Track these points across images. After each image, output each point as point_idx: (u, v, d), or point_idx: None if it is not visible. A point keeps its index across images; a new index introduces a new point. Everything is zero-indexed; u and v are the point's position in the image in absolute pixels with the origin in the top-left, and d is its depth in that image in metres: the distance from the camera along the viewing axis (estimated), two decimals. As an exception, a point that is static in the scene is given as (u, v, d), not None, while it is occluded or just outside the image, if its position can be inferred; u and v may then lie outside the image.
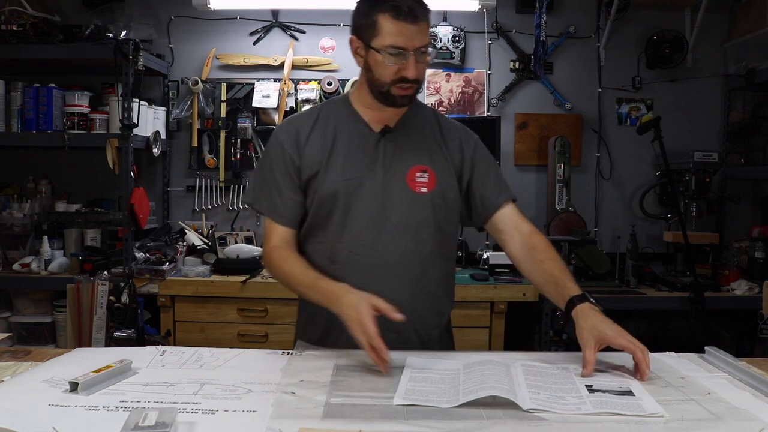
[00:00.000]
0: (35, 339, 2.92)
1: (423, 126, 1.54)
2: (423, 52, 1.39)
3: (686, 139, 3.31)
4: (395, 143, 1.49)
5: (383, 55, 1.38)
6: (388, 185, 1.46)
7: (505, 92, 3.38)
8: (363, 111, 1.51)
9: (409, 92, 1.42)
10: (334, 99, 1.60)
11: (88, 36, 2.90)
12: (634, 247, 3.08)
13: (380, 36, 1.38)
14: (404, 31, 1.35)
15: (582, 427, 0.96)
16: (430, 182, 1.47)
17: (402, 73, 1.38)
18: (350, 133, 1.49)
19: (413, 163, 1.48)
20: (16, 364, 1.23)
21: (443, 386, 1.11)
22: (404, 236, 1.46)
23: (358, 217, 1.45)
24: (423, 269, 1.48)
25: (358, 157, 1.47)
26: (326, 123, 1.50)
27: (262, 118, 3.33)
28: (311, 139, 1.48)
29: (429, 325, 1.51)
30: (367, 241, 1.45)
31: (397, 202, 1.46)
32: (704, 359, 1.33)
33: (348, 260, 1.45)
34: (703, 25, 3.24)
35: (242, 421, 0.96)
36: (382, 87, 1.42)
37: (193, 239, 3.12)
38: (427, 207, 1.47)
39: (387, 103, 1.45)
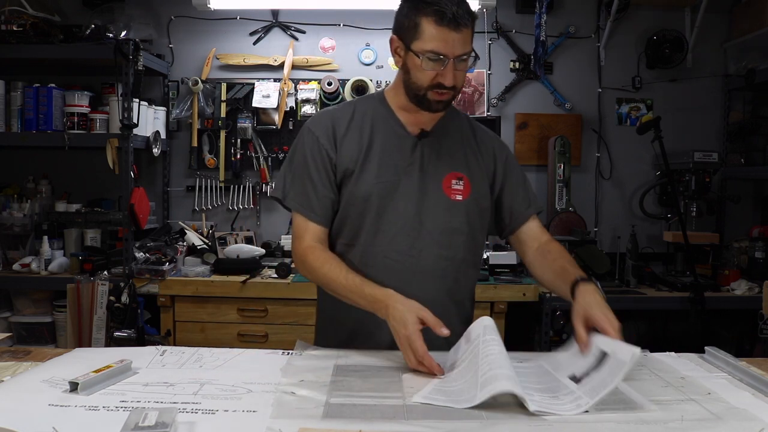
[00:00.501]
0: (35, 339, 2.92)
1: (458, 132, 1.52)
2: (463, 59, 1.36)
3: (686, 139, 3.31)
4: (432, 148, 1.47)
5: (422, 59, 1.34)
6: (425, 190, 1.44)
7: (505, 92, 3.38)
8: (399, 112, 1.48)
9: (444, 98, 1.39)
10: (369, 96, 1.57)
11: (88, 36, 2.90)
12: (634, 247, 3.08)
13: (421, 39, 1.34)
14: (446, 38, 1.32)
15: (582, 427, 0.96)
16: (465, 190, 1.46)
17: (439, 79, 1.35)
18: (387, 134, 1.46)
19: (450, 169, 1.46)
20: (16, 364, 1.23)
21: (463, 384, 1.10)
22: (438, 243, 1.44)
23: (393, 221, 1.43)
24: (455, 277, 1.48)
25: (395, 160, 1.44)
26: (362, 120, 1.47)
27: (262, 118, 3.33)
28: (348, 136, 1.45)
29: (456, 331, 1.49)
30: (402, 247, 1.43)
31: (433, 208, 1.44)
32: (704, 359, 1.33)
33: (381, 265, 1.43)
34: (703, 25, 3.24)
35: (242, 421, 0.96)
36: (419, 90, 1.39)
37: (193, 239, 3.12)
38: (462, 214, 1.46)
39: (422, 107, 1.42)
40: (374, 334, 1.42)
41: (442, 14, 1.31)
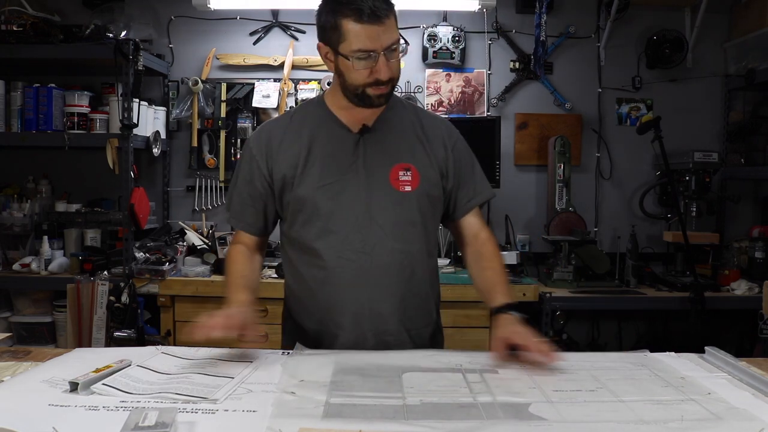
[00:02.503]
0: (35, 339, 2.92)
1: (403, 123, 1.50)
2: (393, 49, 1.34)
3: (686, 139, 3.31)
4: (375, 142, 1.46)
5: (352, 60, 1.33)
6: (371, 185, 1.43)
7: (505, 92, 3.38)
8: (339, 112, 1.47)
9: (384, 91, 1.38)
10: (308, 101, 1.56)
11: (88, 36, 2.90)
12: (634, 247, 3.08)
13: (346, 41, 1.33)
14: (370, 33, 1.30)
15: (582, 427, 0.96)
16: (413, 180, 1.45)
17: (374, 75, 1.34)
18: (327, 136, 1.46)
19: (395, 161, 1.45)
20: (16, 364, 1.23)
21: None
22: (392, 237, 1.44)
23: (343, 220, 1.42)
24: (412, 270, 1.47)
25: (337, 159, 1.44)
26: (300, 127, 1.47)
27: (262, 118, 3.33)
28: (284, 145, 1.45)
29: (419, 324, 1.51)
30: (355, 245, 1.43)
31: (382, 202, 1.43)
32: (704, 359, 1.33)
33: (337, 265, 1.43)
34: (703, 25, 3.23)
35: (242, 421, 0.96)
36: (356, 90, 1.38)
37: (193, 239, 3.12)
38: (413, 206, 1.45)
39: (363, 104, 1.41)
40: (338, 336, 1.45)
41: (360, 11, 1.29)
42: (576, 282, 2.95)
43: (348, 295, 1.44)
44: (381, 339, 1.45)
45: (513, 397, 1.08)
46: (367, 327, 1.44)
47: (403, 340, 1.47)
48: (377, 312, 1.44)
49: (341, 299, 1.44)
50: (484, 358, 1.32)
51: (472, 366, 1.25)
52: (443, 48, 3.28)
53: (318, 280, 1.45)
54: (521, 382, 1.16)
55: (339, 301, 1.44)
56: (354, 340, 1.44)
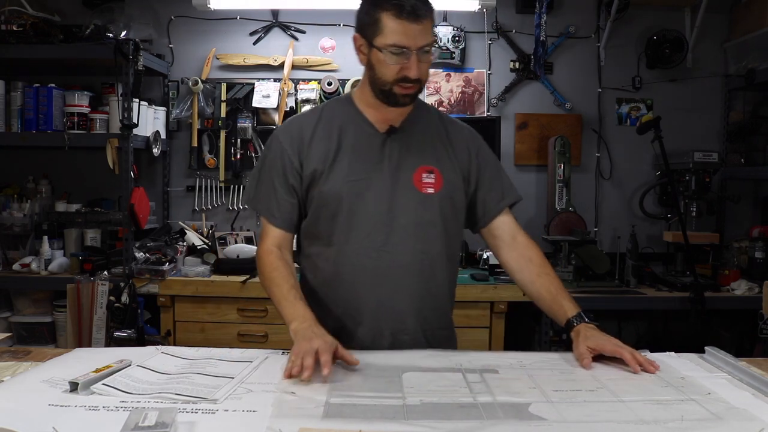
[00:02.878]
0: (35, 339, 2.92)
1: (428, 126, 1.53)
2: (426, 51, 1.37)
3: (686, 139, 3.31)
4: (401, 143, 1.48)
5: (385, 53, 1.36)
6: (395, 185, 1.45)
7: (505, 92, 3.38)
8: (366, 110, 1.49)
9: (410, 91, 1.40)
10: (337, 99, 1.58)
11: (88, 36, 2.90)
12: (634, 247, 3.08)
13: (382, 35, 1.35)
14: (406, 30, 1.33)
15: (582, 427, 0.96)
16: (436, 183, 1.47)
17: (404, 72, 1.36)
18: (355, 134, 1.48)
19: (419, 163, 1.47)
20: (16, 364, 1.23)
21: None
22: (413, 237, 1.45)
23: (366, 218, 1.44)
24: (432, 271, 1.48)
25: (364, 158, 1.46)
26: (330, 123, 1.49)
27: (262, 118, 3.33)
28: (315, 140, 1.47)
29: (435, 326, 1.51)
30: (377, 244, 1.44)
31: (405, 203, 1.45)
32: (704, 359, 1.33)
33: (357, 263, 1.44)
34: (703, 25, 3.23)
35: (242, 421, 0.96)
36: (384, 86, 1.40)
37: (193, 239, 3.12)
38: (435, 208, 1.47)
39: (389, 102, 1.43)
40: (356, 332, 1.46)
41: (401, 7, 1.32)
42: (576, 282, 2.95)
43: (367, 293, 1.45)
44: (397, 338, 1.46)
45: (513, 397, 1.08)
46: (384, 325, 1.45)
47: (418, 339, 1.47)
48: (396, 310, 1.45)
49: (360, 296, 1.45)
50: (484, 358, 1.32)
51: (472, 366, 1.25)
52: (443, 48, 3.28)
53: (337, 277, 1.46)
54: (521, 382, 1.16)
55: (358, 298, 1.45)
56: (371, 338, 1.45)
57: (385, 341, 1.45)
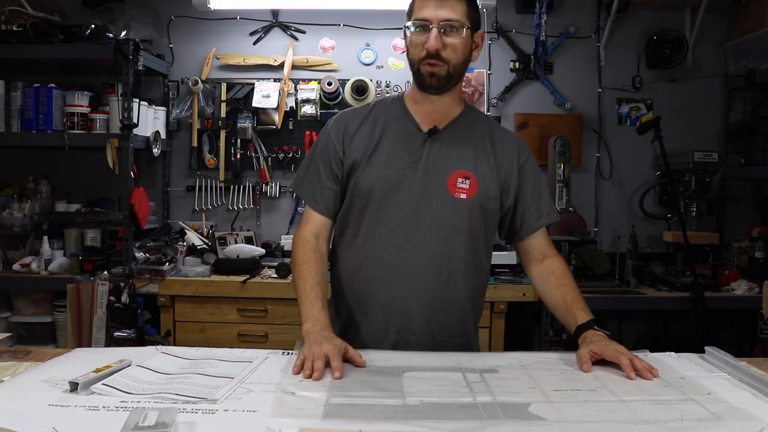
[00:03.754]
0: (35, 339, 2.92)
1: (473, 131, 1.52)
2: (451, 28, 1.39)
3: (686, 139, 3.31)
4: (441, 145, 1.48)
5: (410, 30, 1.41)
6: (427, 187, 1.45)
7: (505, 92, 3.38)
8: (414, 109, 1.51)
9: (435, 69, 1.40)
10: (389, 97, 1.60)
11: (88, 36, 2.90)
12: (634, 247, 3.08)
13: (412, 13, 1.42)
14: (430, 4, 1.38)
15: (582, 427, 0.96)
16: (471, 189, 1.46)
17: (425, 46, 1.39)
18: (398, 130, 1.49)
19: (457, 167, 1.47)
20: (16, 364, 1.23)
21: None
22: (435, 240, 1.45)
23: (393, 214, 1.45)
24: (450, 275, 1.47)
25: (402, 155, 1.47)
26: (377, 118, 1.52)
27: (262, 118, 3.33)
28: (359, 132, 1.50)
29: (448, 333, 1.50)
30: (399, 241, 1.45)
31: (434, 205, 1.45)
32: (704, 359, 1.33)
33: (377, 257, 1.46)
34: (703, 25, 3.24)
35: (242, 421, 0.96)
36: (413, 66, 1.44)
37: (193, 239, 3.12)
38: (464, 214, 1.46)
39: (420, 85, 1.46)
40: (362, 325, 1.48)
41: None
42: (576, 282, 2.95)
43: (380, 288, 1.46)
44: (403, 336, 1.46)
45: (513, 397, 1.08)
46: (392, 321, 1.46)
47: (425, 342, 1.46)
48: (405, 308, 1.45)
49: (372, 289, 1.46)
50: (484, 358, 1.32)
51: (472, 366, 1.25)
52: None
53: (355, 268, 1.48)
54: (521, 382, 1.16)
55: (370, 290, 1.47)
56: (376, 332, 1.46)
57: (390, 338, 1.46)
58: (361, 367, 1.23)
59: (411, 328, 1.46)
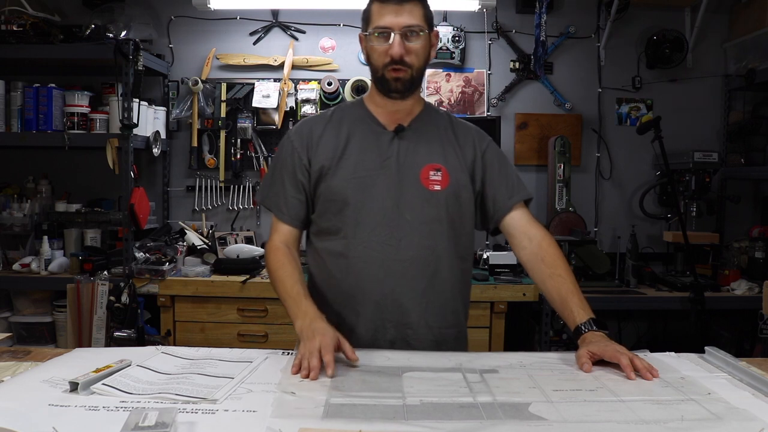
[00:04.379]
0: (35, 339, 2.92)
1: (436, 126, 1.56)
2: (412, 32, 1.42)
3: (686, 139, 3.31)
4: (408, 141, 1.51)
5: (372, 38, 1.43)
6: (402, 183, 1.47)
7: (505, 92, 3.38)
8: (376, 111, 1.53)
9: (400, 75, 1.44)
10: (349, 102, 1.63)
11: (88, 36, 2.90)
12: (634, 247, 3.08)
13: (371, 21, 1.44)
14: (389, 11, 1.41)
15: (582, 427, 0.96)
16: (443, 180, 1.49)
17: (389, 52, 1.41)
18: (364, 132, 1.51)
19: (427, 161, 1.50)
20: (16, 364, 1.23)
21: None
22: (418, 233, 1.47)
23: (373, 213, 1.46)
24: (437, 267, 1.49)
25: (371, 156, 1.48)
26: (340, 123, 1.53)
27: (262, 118, 3.33)
28: (324, 138, 1.51)
29: (443, 324, 1.51)
30: (383, 238, 1.46)
31: (411, 200, 1.47)
32: (704, 359, 1.33)
33: (363, 256, 1.46)
34: (703, 25, 3.24)
35: (242, 421, 0.96)
36: (377, 72, 1.46)
37: (193, 239, 3.12)
38: (441, 205, 1.48)
39: (384, 91, 1.47)
40: (356, 326, 1.47)
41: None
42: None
43: (371, 286, 1.46)
44: (401, 331, 1.47)
45: (513, 397, 1.08)
46: (387, 317, 1.46)
47: (422, 335, 1.48)
48: (399, 303, 1.46)
49: (363, 289, 1.46)
50: (484, 358, 1.32)
51: (472, 366, 1.25)
52: (443, 48, 3.28)
53: (342, 270, 1.48)
54: (521, 382, 1.16)
55: (361, 290, 1.47)
56: (374, 330, 1.46)
57: (388, 334, 1.46)
58: (354, 362, 1.23)
59: (408, 322, 1.47)
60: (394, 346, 1.45)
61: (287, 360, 1.27)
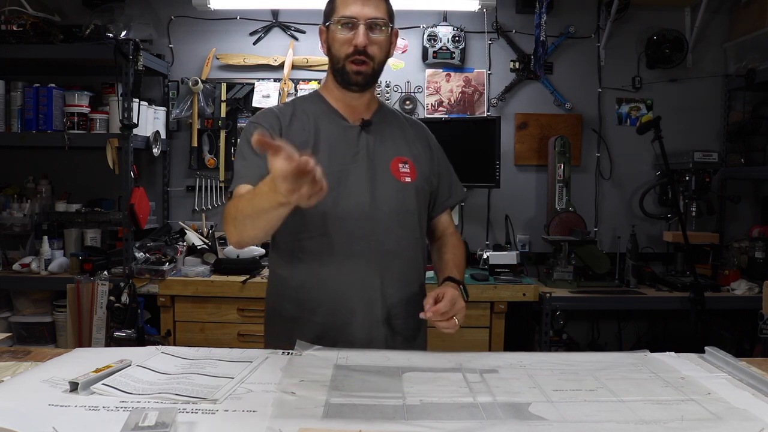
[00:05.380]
0: (35, 339, 2.92)
1: (396, 121, 1.60)
2: (378, 27, 1.43)
3: (686, 139, 3.31)
4: (376, 135, 1.53)
5: (335, 27, 1.43)
6: (374, 175, 1.49)
7: (505, 92, 3.38)
8: (336, 104, 1.54)
9: (363, 68, 1.44)
10: (306, 95, 1.62)
11: (88, 36, 2.90)
12: (634, 247, 3.08)
13: (334, 12, 1.45)
14: (355, 2, 1.42)
15: (582, 427, 0.96)
16: (411, 172, 1.53)
17: (353, 42, 1.42)
18: (330, 127, 1.51)
19: (395, 154, 1.53)
20: (16, 364, 1.23)
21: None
22: (396, 224, 1.50)
23: (350, 208, 1.46)
24: (415, 255, 1.54)
25: (342, 150, 1.49)
26: (304, 117, 1.51)
27: (262, 118, 3.33)
28: (292, 128, 1.49)
29: (420, 309, 1.44)
30: (365, 231, 1.46)
31: (385, 192, 1.49)
32: (704, 359, 1.33)
33: (347, 251, 1.45)
34: (703, 25, 3.24)
35: (242, 421, 0.96)
36: (338, 63, 1.46)
37: (193, 239, 3.12)
38: (412, 196, 1.52)
39: (344, 82, 1.48)
40: (350, 324, 1.47)
41: None
42: (576, 282, 2.95)
43: (360, 281, 1.46)
44: (390, 323, 1.49)
45: (513, 397, 1.08)
46: (379, 312, 1.47)
47: (409, 325, 1.52)
48: (388, 296, 1.48)
49: (353, 285, 1.46)
50: (484, 358, 1.32)
51: (472, 366, 1.25)
52: (443, 48, 3.28)
53: (326, 269, 1.46)
54: (521, 382, 1.16)
55: (351, 287, 1.46)
56: (368, 327, 1.47)
57: (380, 328, 1.47)
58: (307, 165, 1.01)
59: (397, 313, 1.50)
60: (386, 340, 1.47)
61: (287, 360, 1.27)
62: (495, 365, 1.26)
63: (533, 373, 1.22)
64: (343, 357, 1.29)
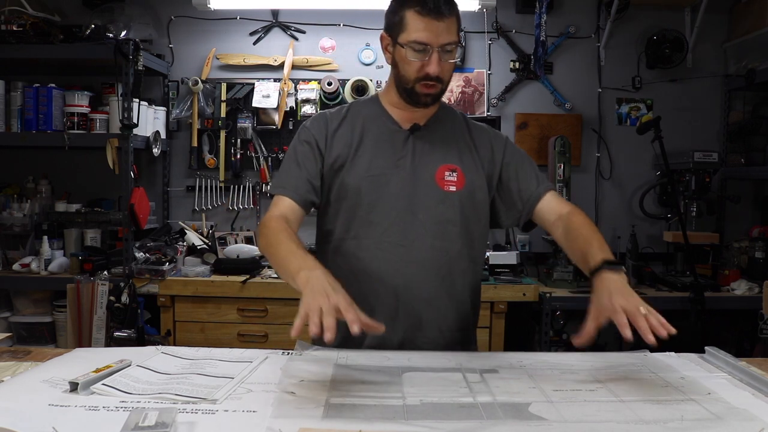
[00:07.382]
0: (35, 339, 2.92)
1: (452, 126, 1.54)
2: (449, 50, 1.39)
3: (686, 139, 3.31)
4: (424, 141, 1.49)
5: (407, 50, 1.39)
6: (416, 183, 1.46)
7: (505, 92, 3.38)
8: (392, 110, 1.52)
9: (432, 91, 1.42)
10: (363, 99, 1.61)
11: (88, 36, 2.90)
12: (634, 247, 3.08)
13: (406, 32, 1.39)
14: (429, 27, 1.36)
15: (582, 427, 0.96)
16: (458, 181, 1.47)
17: (425, 69, 1.39)
18: (379, 130, 1.50)
19: (442, 161, 1.48)
20: (16, 364, 1.23)
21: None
22: (431, 234, 1.45)
23: (385, 212, 1.44)
24: (449, 269, 1.47)
25: (386, 154, 1.47)
26: (355, 119, 1.51)
27: (262, 118, 3.33)
28: (339, 132, 1.49)
29: (453, 327, 1.49)
30: (395, 238, 1.44)
31: (425, 200, 1.45)
32: (704, 359, 1.33)
33: (375, 257, 1.44)
34: (703, 25, 3.24)
35: (242, 421, 0.96)
36: (407, 84, 1.43)
37: (193, 239, 3.12)
38: (455, 206, 1.47)
39: (411, 101, 1.46)
40: (364, 332, 1.41)
41: (424, 4, 1.36)
42: (576, 282, 2.95)
43: (382, 287, 1.44)
44: (410, 334, 1.45)
45: (513, 397, 1.08)
46: (400, 320, 1.45)
47: (432, 338, 1.46)
48: (410, 306, 1.45)
49: (375, 290, 1.44)
50: (484, 358, 1.32)
51: (472, 366, 1.25)
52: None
53: (354, 272, 1.45)
54: (521, 382, 1.16)
55: (373, 291, 1.44)
56: (386, 332, 1.43)
57: (397, 337, 1.44)
58: (379, 332, 1.12)
59: (418, 325, 1.46)
60: (402, 348, 1.42)
61: (287, 360, 1.27)
62: (495, 365, 1.26)
63: (533, 373, 1.22)
64: (343, 357, 1.29)
